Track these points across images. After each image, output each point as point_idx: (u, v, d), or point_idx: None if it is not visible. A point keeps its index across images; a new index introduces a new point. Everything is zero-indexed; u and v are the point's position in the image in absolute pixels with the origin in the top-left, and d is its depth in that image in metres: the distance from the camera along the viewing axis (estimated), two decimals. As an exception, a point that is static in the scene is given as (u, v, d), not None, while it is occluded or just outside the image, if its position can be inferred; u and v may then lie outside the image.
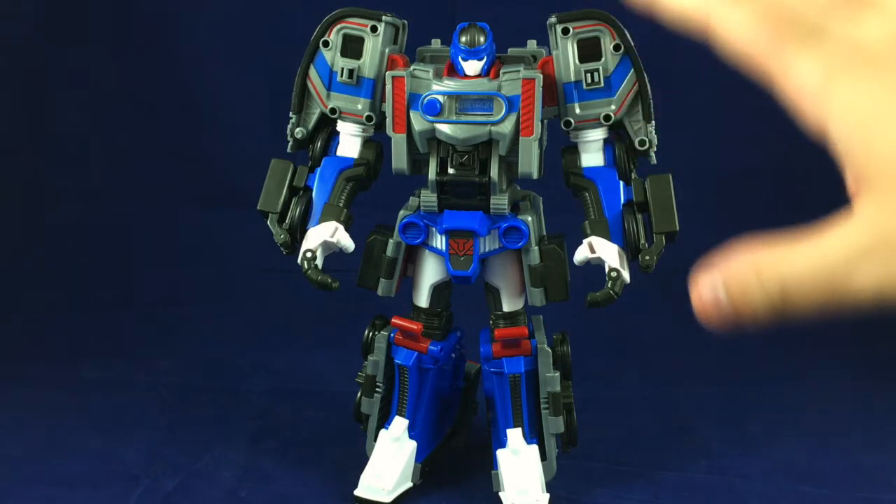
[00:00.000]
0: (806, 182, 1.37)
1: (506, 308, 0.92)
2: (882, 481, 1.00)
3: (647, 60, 0.85)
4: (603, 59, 0.85)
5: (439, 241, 0.89)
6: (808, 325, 0.41)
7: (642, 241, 0.85)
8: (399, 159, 0.87)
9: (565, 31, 0.85)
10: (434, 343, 0.93)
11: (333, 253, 0.89)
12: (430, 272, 0.92)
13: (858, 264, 0.28)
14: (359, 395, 0.97)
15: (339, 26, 0.88)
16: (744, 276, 0.30)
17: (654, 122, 0.86)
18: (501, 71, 0.84)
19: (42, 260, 1.58)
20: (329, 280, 0.86)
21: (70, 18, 1.62)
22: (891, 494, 0.98)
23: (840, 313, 0.29)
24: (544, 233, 0.92)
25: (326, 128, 0.91)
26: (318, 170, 0.91)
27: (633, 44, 0.84)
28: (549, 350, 0.91)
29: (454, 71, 0.86)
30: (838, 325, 0.76)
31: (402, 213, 0.90)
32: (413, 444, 0.95)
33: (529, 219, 0.88)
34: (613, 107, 0.85)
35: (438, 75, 0.85)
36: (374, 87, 0.88)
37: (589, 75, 0.85)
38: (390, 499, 0.93)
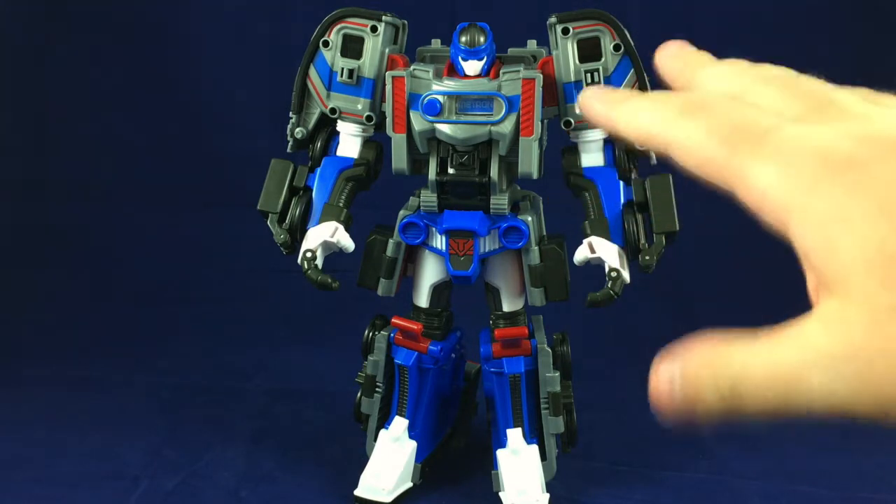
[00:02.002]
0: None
1: (506, 308, 0.92)
2: (882, 481, 1.00)
3: (647, 60, 0.85)
4: (603, 59, 0.85)
5: (439, 241, 0.89)
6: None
7: (642, 241, 0.85)
8: (399, 159, 0.87)
9: (565, 31, 0.85)
10: (434, 343, 0.93)
11: (333, 253, 0.89)
12: (430, 272, 0.92)
13: (809, 374, 0.27)
14: (359, 395, 0.97)
15: (339, 26, 0.88)
16: (699, 371, 0.29)
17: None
18: (501, 71, 0.84)
19: (42, 260, 1.58)
20: (329, 280, 0.86)
21: (70, 18, 1.62)
22: (891, 495, 0.98)
23: (795, 418, 0.28)
24: (544, 233, 0.92)
25: (326, 128, 0.91)
26: (318, 170, 0.91)
27: (633, 44, 0.84)
28: (549, 350, 0.91)
29: (454, 71, 0.86)
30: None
31: (402, 213, 0.90)
32: (413, 444, 0.95)
33: (529, 219, 0.88)
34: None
35: (438, 75, 0.85)
36: (374, 87, 0.88)
37: (589, 75, 0.85)
38: (390, 499, 0.93)
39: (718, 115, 0.30)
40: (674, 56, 0.37)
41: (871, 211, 0.26)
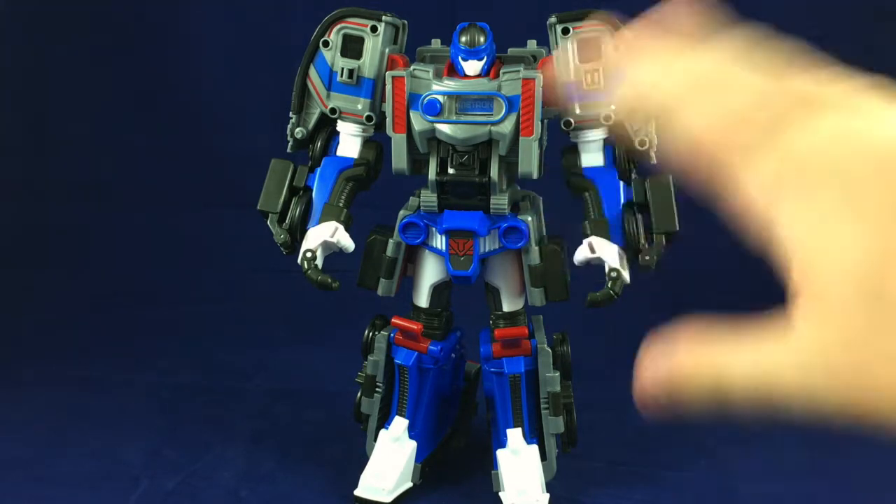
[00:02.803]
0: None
1: (506, 308, 0.92)
2: (882, 481, 1.00)
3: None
4: (603, 59, 0.85)
5: (439, 241, 0.89)
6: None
7: (642, 241, 0.85)
8: (399, 159, 0.87)
9: (565, 31, 0.85)
10: (434, 343, 0.93)
11: (333, 253, 0.89)
12: (430, 272, 0.92)
13: (786, 377, 0.28)
14: (359, 395, 0.97)
15: (339, 26, 0.88)
16: (683, 368, 0.30)
17: (654, 122, 0.86)
18: (501, 71, 0.84)
19: (42, 260, 1.58)
20: (329, 280, 0.86)
21: (70, 18, 1.62)
22: (891, 494, 0.98)
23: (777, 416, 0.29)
24: (544, 233, 0.92)
25: (326, 128, 0.91)
26: (318, 170, 0.91)
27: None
28: (549, 350, 0.91)
29: (454, 71, 0.86)
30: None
31: (402, 213, 0.90)
32: (413, 444, 0.95)
33: (529, 219, 0.88)
34: (613, 107, 0.85)
35: (438, 75, 0.85)
36: (374, 87, 0.88)
37: (589, 75, 0.85)
38: (390, 499, 0.93)
39: (720, 105, 0.30)
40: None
41: (857, 226, 0.26)
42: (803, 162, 0.28)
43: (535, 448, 0.92)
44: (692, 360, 0.30)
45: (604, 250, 0.84)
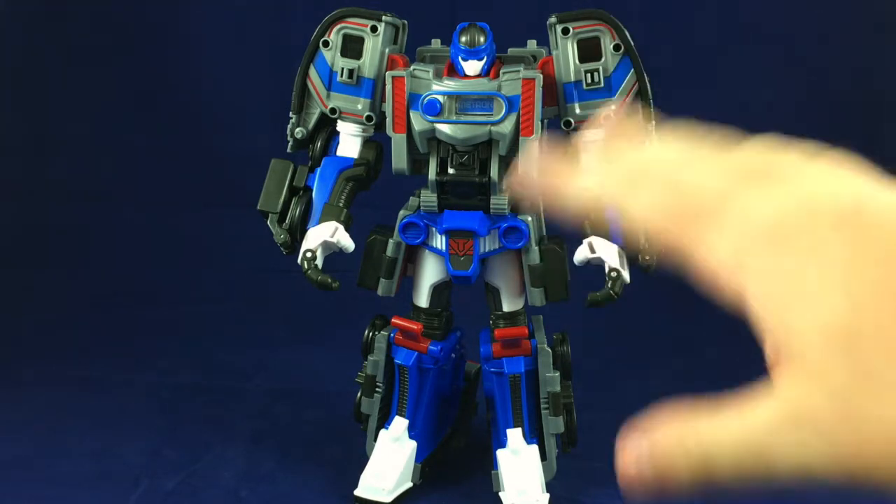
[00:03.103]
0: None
1: (506, 308, 0.92)
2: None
3: (647, 60, 0.85)
4: (603, 59, 0.85)
5: (439, 241, 0.89)
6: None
7: (642, 241, 0.85)
8: (399, 159, 0.87)
9: (565, 31, 0.85)
10: (434, 343, 0.93)
11: (333, 253, 0.89)
12: (430, 272, 0.92)
13: (776, 441, 0.28)
14: (359, 395, 0.97)
15: (339, 26, 0.88)
16: (668, 446, 0.29)
17: (654, 122, 0.86)
18: (501, 71, 0.84)
19: (42, 260, 1.58)
20: (329, 280, 0.86)
21: (70, 18, 1.62)
22: (891, 494, 0.98)
23: (766, 486, 0.29)
24: (544, 233, 0.92)
25: (326, 128, 0.91)
26: (318, 170, 0.90)
27: (633, 44, 0.84)
28: (549, 350, 0.91)
29: (454, 71, 0.86)
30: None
31: (402, 213, 0.90)
32: (413, 444, 0.95)
33: (529, 219, 0.88)
34: (613, 107, 0.85)
35: (438, 75, 0.85)
36: (374, 87, 0.88)
37: (589, 75, 0.85)
38: (390, 499, 0.93)
39: (666, 184, 0.30)
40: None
41: (825, 282, 0.26)
42: (761, 228, 0.28)
43: (535, 448, 0.92)
44: (678, 436, 0.29)
45: (604, 250, 0.84)
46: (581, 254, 0.84)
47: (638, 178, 0.31)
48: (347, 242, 0.88)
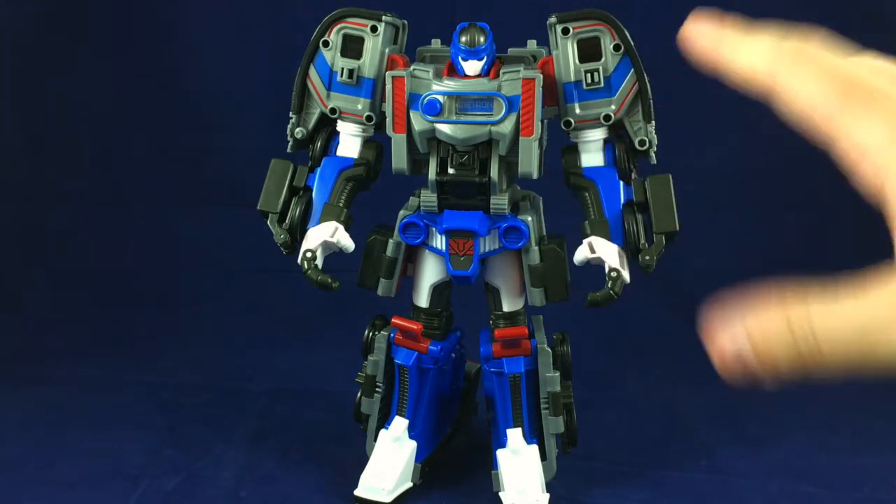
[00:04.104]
0: (809, 182, 1.37)
1: (506, 308, 0.92)
2: (882, 481, 1.00)
3: (648, 60, 0.85)
4: (603, 59, 0.85)
5: (439, 241, 0.89)
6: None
7: (642, 241, 0.85)
8: (399, 159, 0.87)
9: (565, 31, 0.85)
10: (434, 343, 0.93)
11: (333, 253, 0.89)
12: (430, 272, 0.92)
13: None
14: (359, 395, 0.97)
15: (339, 26, 0.88)
16: (773, 328, 0.27)
17: (654, 122, 0.86)
18: (501, 71, 0.84)
19: (42, 260, 1.58)
20: (329, 280, 0.86)
21: (70, 18, 1.62)
22: (891, 494, 0.98)
23: (866, 376, 0.27)
24: (544, 233, 0.92)
25: (326, 128, 0.91)
26: (318, 170, 0.91)
27: (633, 44, 0.84)
28: (549, 350, 0.91)
29: (454, 71, 0.86)
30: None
31: (402, 213, 0.90)
32: (413, 444, 0.95)
33: (529, 219, 0.88)
34: (613, 107, 0.85)
35: (438, 75, 0.85)
36: (374, 87, 0.88)
37: (589, 75, 0.85)
38: (390, 499, 0.93)
39: (830, 68, 0.31)
40: (706, 35, 0.37)
41: None
42: None
43: (535, 448, 0.92)
44: (781, 317, 0.27)
45: (604, 250, 0.84)
46: (581, 254, 0.84)
47: (804, 58, 0.32)
48: (347, 242, 0.88)
